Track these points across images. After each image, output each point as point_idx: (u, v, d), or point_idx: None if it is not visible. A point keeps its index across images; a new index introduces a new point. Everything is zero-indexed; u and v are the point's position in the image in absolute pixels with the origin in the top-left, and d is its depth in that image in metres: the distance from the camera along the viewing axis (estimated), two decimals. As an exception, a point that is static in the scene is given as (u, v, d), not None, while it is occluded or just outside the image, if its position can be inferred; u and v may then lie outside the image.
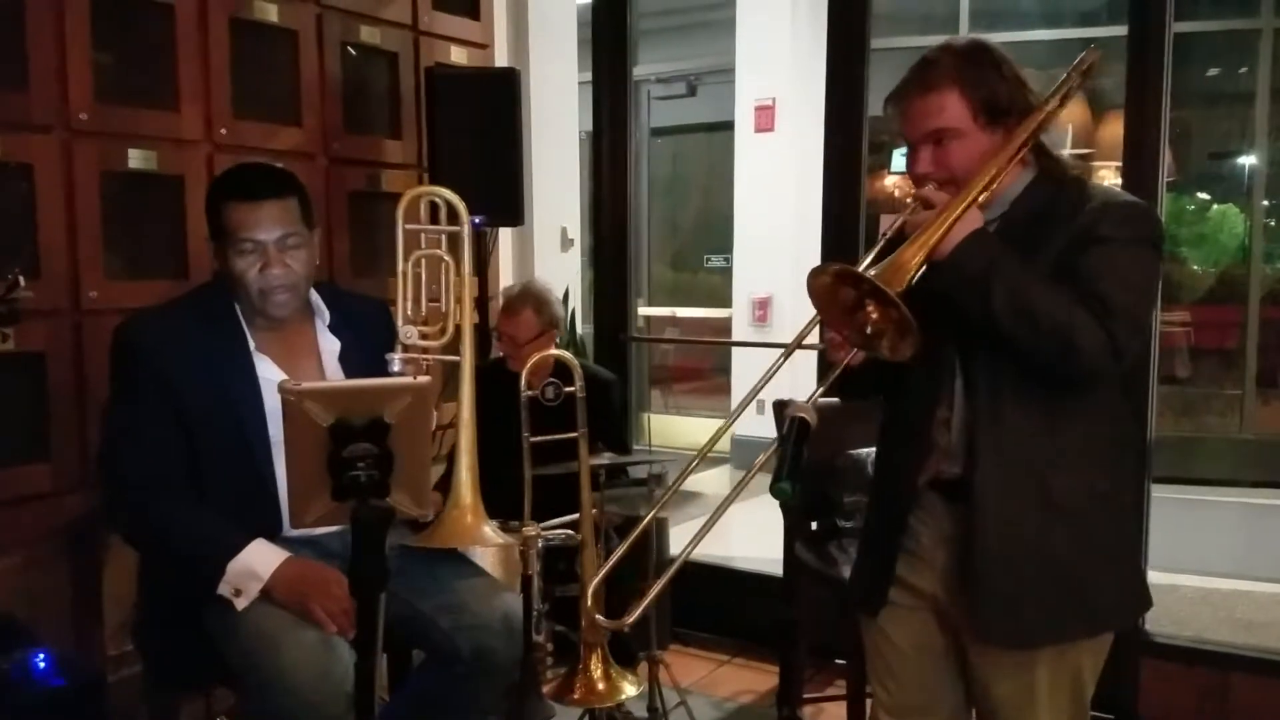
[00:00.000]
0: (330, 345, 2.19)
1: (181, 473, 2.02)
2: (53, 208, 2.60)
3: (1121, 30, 2.94)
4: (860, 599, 1.93)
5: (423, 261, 1.99)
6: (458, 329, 1.98)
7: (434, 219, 2.08)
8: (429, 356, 1.98)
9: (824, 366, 3.47)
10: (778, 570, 3.03)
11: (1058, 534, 1.70)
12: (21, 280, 2.01)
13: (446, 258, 2.01)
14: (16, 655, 2.21)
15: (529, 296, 3.08)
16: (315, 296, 2.21)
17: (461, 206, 2.03)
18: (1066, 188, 1.74)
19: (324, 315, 2.21)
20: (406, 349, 1.96)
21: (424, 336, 1.97)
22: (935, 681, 1.89)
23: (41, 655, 2.23)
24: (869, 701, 2.63)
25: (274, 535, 2.03)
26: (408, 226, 2.00)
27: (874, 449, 2.79)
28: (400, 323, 1.97)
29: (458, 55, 3.66)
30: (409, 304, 1.98)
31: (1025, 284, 1.61)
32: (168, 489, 2.00)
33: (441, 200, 2.05)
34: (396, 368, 1.95)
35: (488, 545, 2.03)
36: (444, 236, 2.03)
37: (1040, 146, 1.75)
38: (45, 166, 2.58)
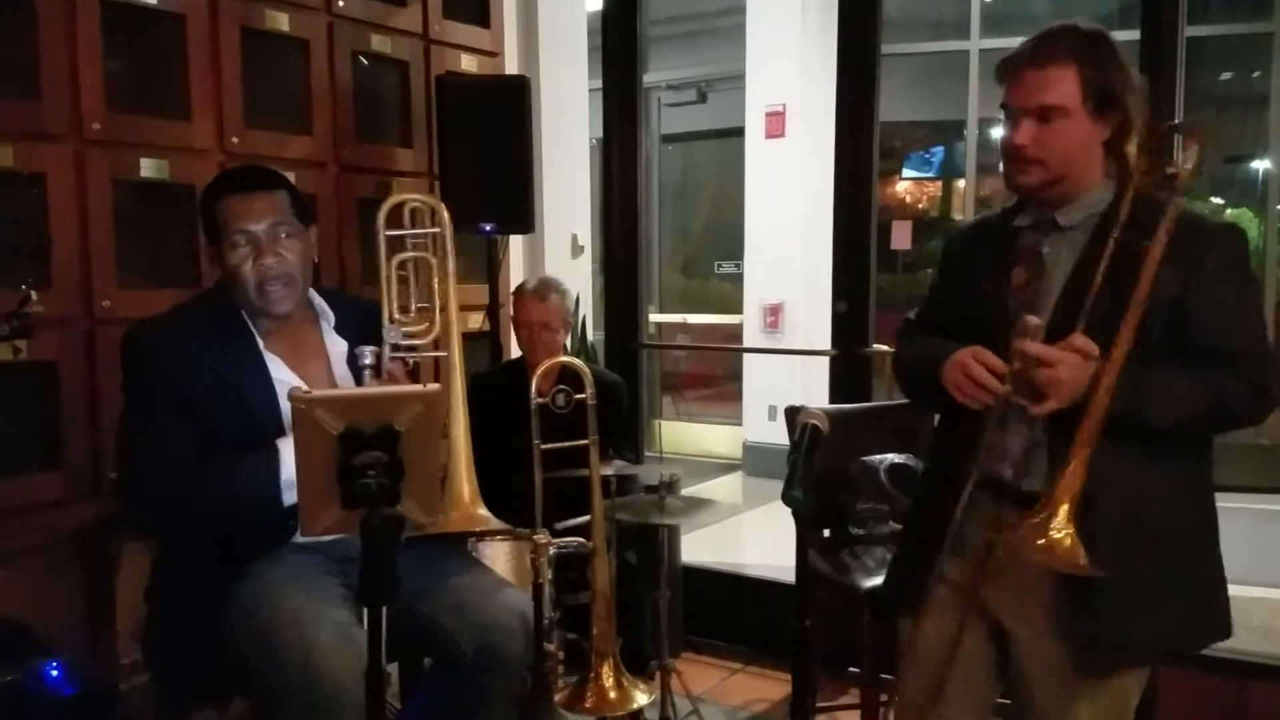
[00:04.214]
0: (338, 347, 2.20)
1: (196, 457, 2.01)
2: (65, 217, 2.60)
3: (1134, 34, 2.93)
4: (899, 601, 1.95)
5: (409, 265, 2.06)
6: (445, 328, 2.05)
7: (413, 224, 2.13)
8: (414, 355, 2.05)
9: (836, 374, 3.47)
10: (789, 578, 2.99)
11: (1148, 561, 1.70)
12: (33, 294, 2.02)
13: (431, 259, 2.07)
14: (29, 664, 2.21)
15: (555, 284, 3.12)
16: (318, 299, 2.23)
17: (442, 210, 2.09)
18: (1149, 204, 1.70)
19: (329, 317, 2.22)
20: (395, 349, 2.03)
21: (409, 337, 2.04)
22: (960, 675, 1.88)
23: (54, 664, 2.23)
24: (882, 710, 2.62)
25: (286, 537, 2.03)
26: (389, 233, 2.06)
27: (888, 455, 2.81)
28: (385, 324, 2.03)
29: (468, 63, 3.66)
30: (394, 307, 2.05)
31: (1174, 397, 1.64)
32: (187, 466, 1.98)
33: (423, 205, 2.11)
34: (368, 360, 2.01)
35: (485, 527, 2.05)
36: (430, 240, 2.09)
37: (1124, 158, 1.75)
38: (58, 176, 2.59)
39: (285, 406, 2.01)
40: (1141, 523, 1.69)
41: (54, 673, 2.23)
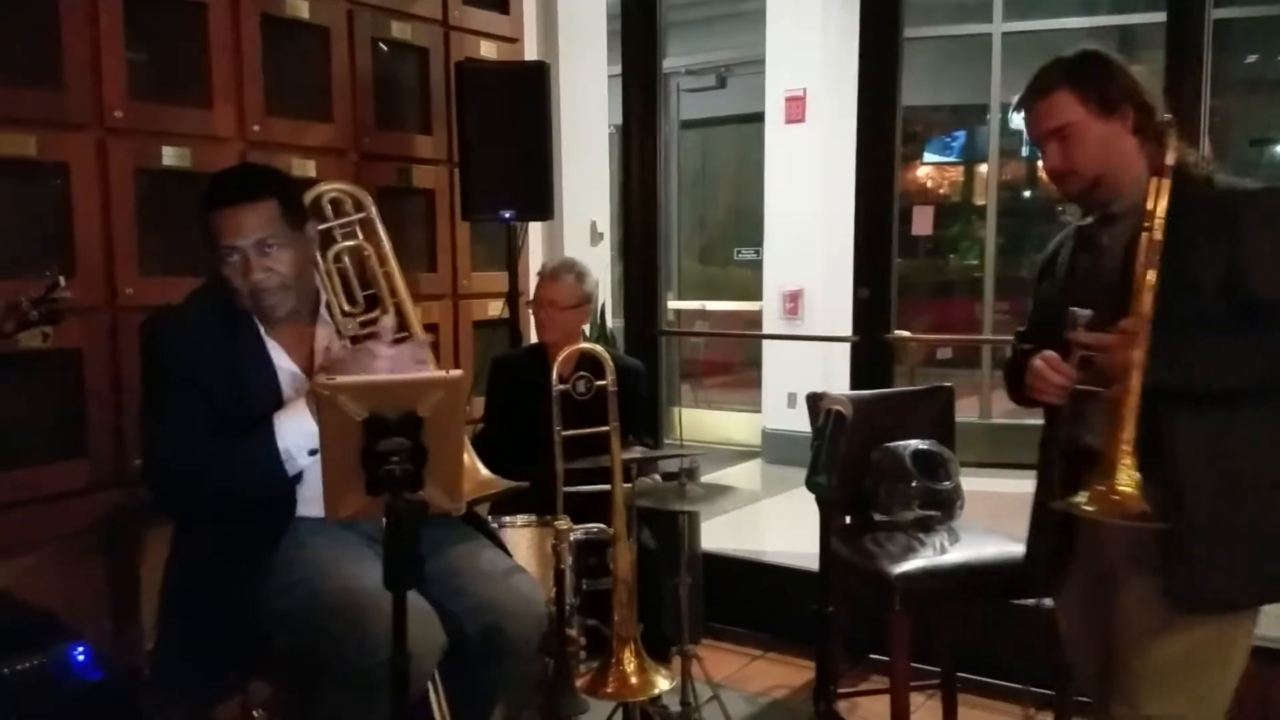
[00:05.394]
0: (326, 327, 2.19)
1: (206, 434, 2.02)
2: (88, 206, 2.62)
3: (1160, 17, 2.90)
4: (1042, 581, 2.03)
5: (345, 256, 2.16)
6: (402, 311, 2.13)
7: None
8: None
9: (858, 361, 3.46)
10: (811, 564, 3.01)
11: (1233, 510, 1.76)
12: (62, 280, 2.03)
13: (366, 246, 2.17)
14: (55, 649, 2.23)
15: (571, 265, 3.14)
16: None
17: (363, 195, 2.20)
18: (1195, 186, 1.80)
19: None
20: (355, 340, 2.06)
21: (365, 326, 2.10)
22: (1082, 637, 2.01)
23: (80, 649, 2.26)
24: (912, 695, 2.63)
25: (290, 517, 2.04)
26: (318, 228, 2.12)
27: (912, 441, 2.79)
28: (339, 316, 2.11)
29: (487, 50, 3.66)
30: (341, 301, 2.13)
31: (1222, 360, 1.71)
32: (196, 442, 2.00)
33: (342, 194, 2.20)
34: (333, 355, 2.05)
35: (496, 489, 2.07)
36: (358, 227, 2.20)
37: (1164, 145, 1.81)
38: (81, 165, 2.60)
39: (286, 390, 2.07)
40: (1223, 474, 1.75)
41: (80, 658, 2.25)
